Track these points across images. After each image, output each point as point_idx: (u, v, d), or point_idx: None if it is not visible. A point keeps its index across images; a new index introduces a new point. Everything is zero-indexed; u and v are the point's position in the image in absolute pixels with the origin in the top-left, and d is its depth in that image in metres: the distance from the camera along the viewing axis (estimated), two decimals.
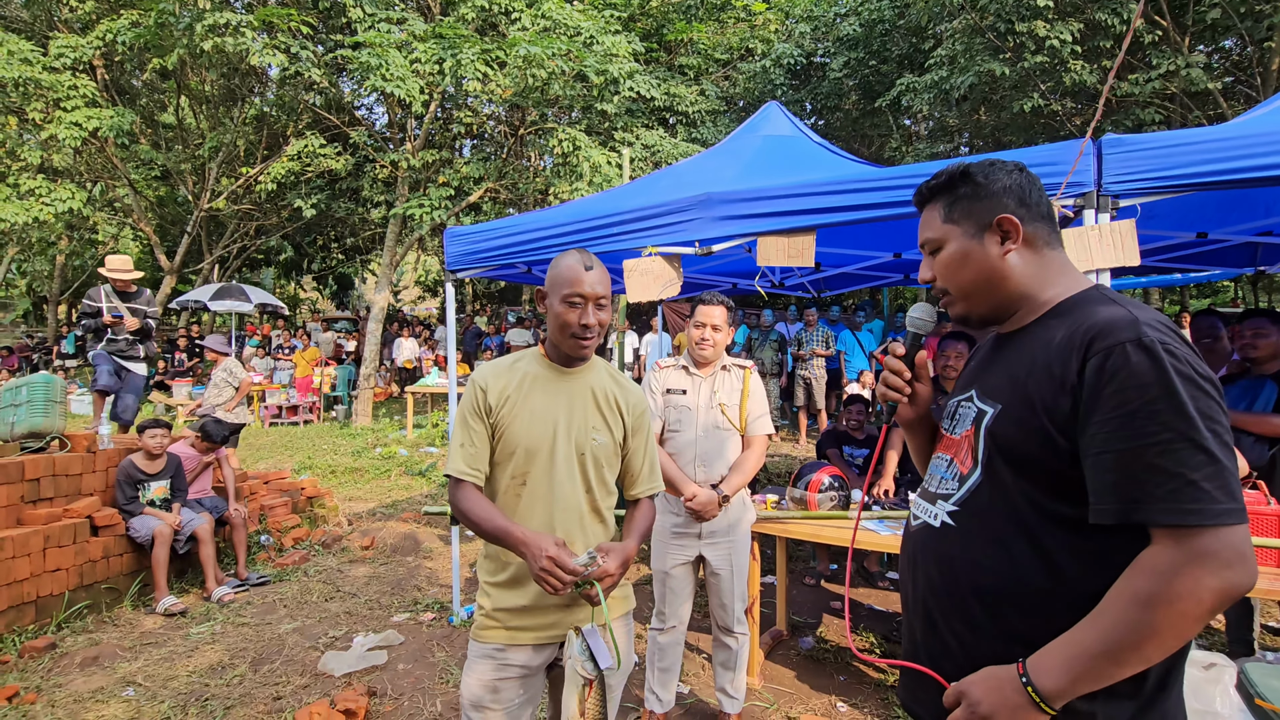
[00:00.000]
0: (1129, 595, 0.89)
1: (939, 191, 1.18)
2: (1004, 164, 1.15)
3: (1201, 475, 0.86)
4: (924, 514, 1.19)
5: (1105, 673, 0.90)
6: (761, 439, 2.75)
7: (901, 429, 1.39)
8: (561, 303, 1.63)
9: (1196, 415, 0.88)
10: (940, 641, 1.10)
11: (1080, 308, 1.05)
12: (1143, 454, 0.89)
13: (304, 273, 21.67)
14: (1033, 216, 1.13)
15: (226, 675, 3.27)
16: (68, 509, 4.07)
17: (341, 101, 12.57)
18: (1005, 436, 1.04)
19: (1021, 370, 1.06)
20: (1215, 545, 0.85)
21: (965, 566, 1.07)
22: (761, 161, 4.05)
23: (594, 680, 1.47)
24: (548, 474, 1.66)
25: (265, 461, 8.54)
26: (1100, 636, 0.90)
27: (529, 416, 1.67)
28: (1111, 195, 2.52)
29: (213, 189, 13.68)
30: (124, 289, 5.64)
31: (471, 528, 1.63)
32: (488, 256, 3.86)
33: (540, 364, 1.74)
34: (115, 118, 10.75)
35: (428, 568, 4.88)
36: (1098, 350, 0.94)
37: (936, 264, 1.19)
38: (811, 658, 3.52)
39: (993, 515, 1.05)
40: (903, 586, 1.24)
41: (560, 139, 10.24)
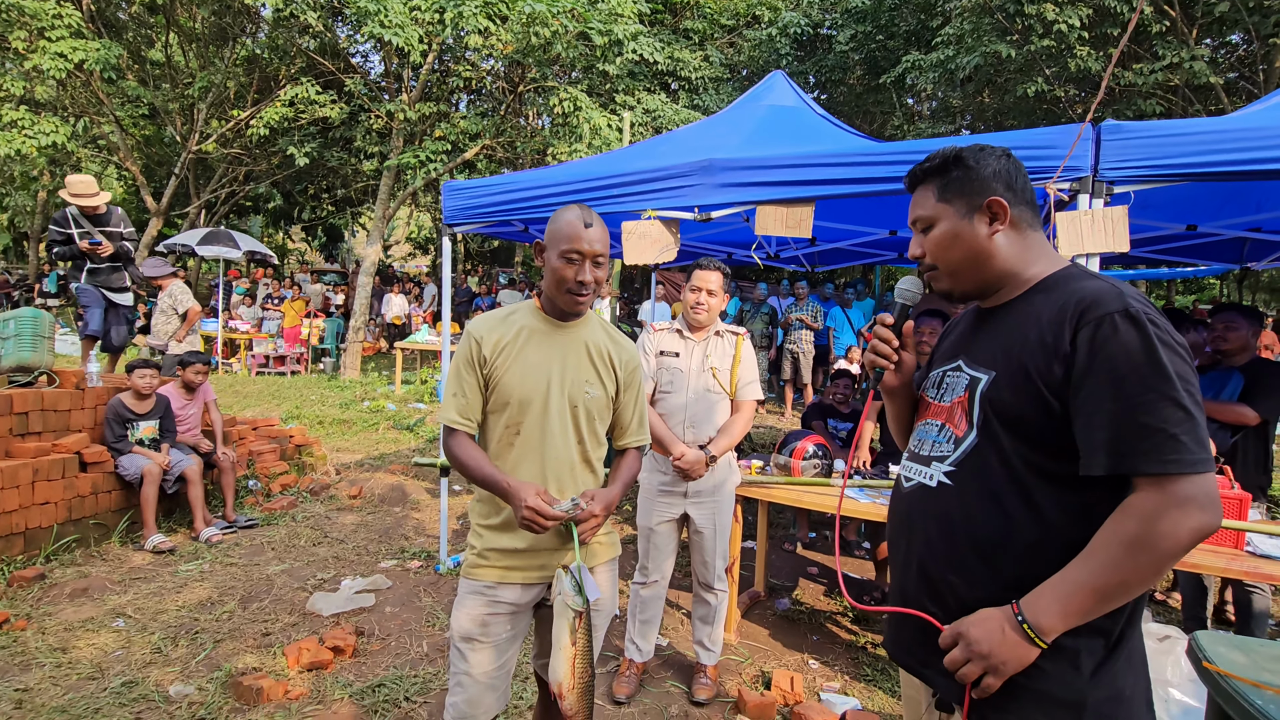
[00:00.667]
0: (1117, 536, 1.00)
1: (932, 173, 1.26)
2: (993, 149, 1.23)
3: (1180, 429, 0.98)
4: (918, 475, 1.26)
5: (1094, 607, 1.02)
6: (750, 404, 2.81)
7: (884, 396, 1.46)
8: (559, 257, 1.66)
9: (1175, 377, 0.99)
10: (935, 592, 1.18)
11: (1066, 283, 1.14)
12: (1132, 412, 0.99)
13: (293, 222, 21.31)
14: (1018, 200, 1.21)
15: (216, 611, 3.34)
16: (56, 444, 4.08)
17: (337, 47, 12.25)
18: (1001, 401, 1.13)
19: (1014, 341, 1.15)
20: (1192, 490, 0.97)
21: (963, 521, 1.15)
22: (764, 131, 4.04)
23: (584, 613, 1.54)
24: (541, 425, 1.71)
25: (253, 409, 8.53)
26: (1091, 575, 1.01)
27: (523, 368, 1.71)
28: (1107, 181, 2.56)
29: (201, 130, 13.35)
30: (92, 212, 5.11)
31: (463, 474, 1.70)
32: (486, 212, 3.85)
33: (535, 317, 1.77)
34: (101, 50, 10.42)
35: (415, 518, 4.96)
36: (1089, 320, 1.04)
37: (927, 241, 1.26)
38: (786, 618, 3.65)
39: (989, 473, 1.14)
40: (894, 545, 1.31)
41: (561, 98, 10.08)
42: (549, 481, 1.70)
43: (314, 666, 2.83)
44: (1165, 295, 18.02)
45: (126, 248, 5.27)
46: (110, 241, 5.12)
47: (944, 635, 1.12)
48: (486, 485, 1.66)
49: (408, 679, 2.78)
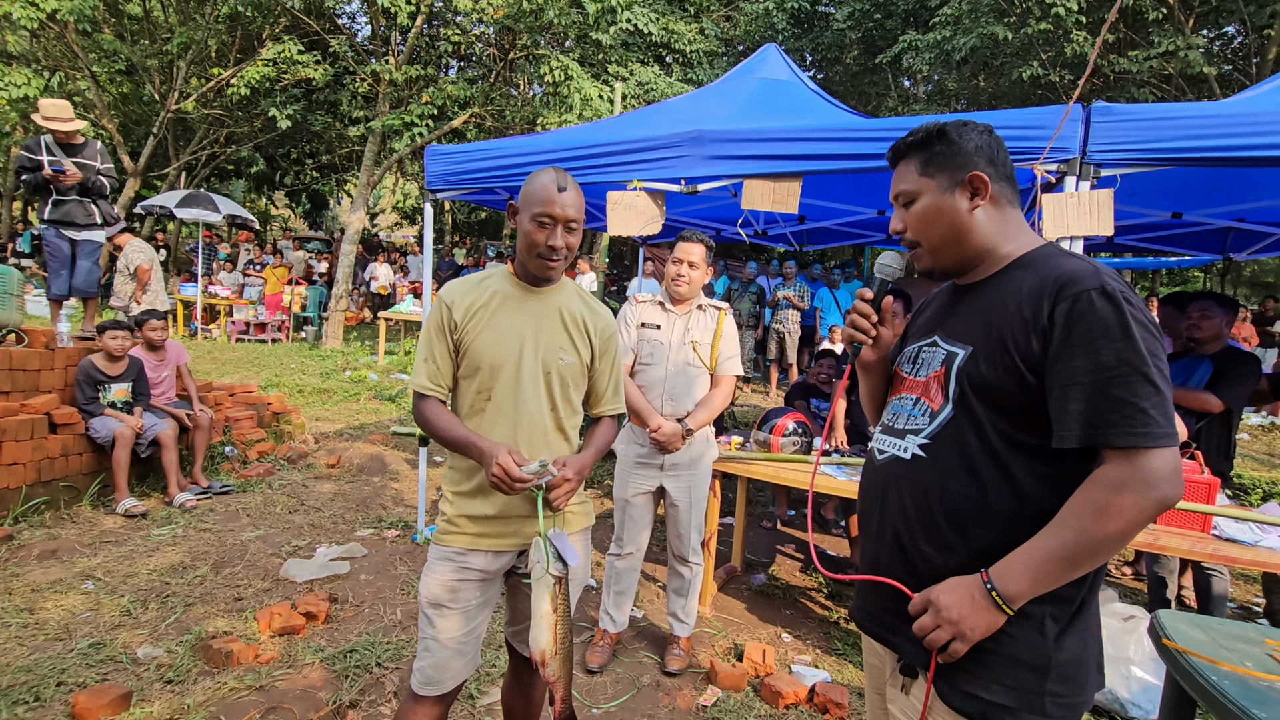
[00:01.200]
0: (1085, 506, 1.03)
1: (915, 147, 1.26)
2: (975, 124, 1.24)
3: (1150, 404, 1.01)
4: (892, 448, 1.28)
5: (1060, 575, 1.05)
6: (730, 379, 2.80)
7: (859, 371, 1.47)
8: (531, 221, 1.62)
9: (1147, 354, 1.02)
10: (908, 562, 1.20)
11: (1046, 260, 1.16)
12: (1105, 386, 1.02)
13: (276, 187, 20.87)
14: (999, 176, 1.22)
15: (187, 575, 3.31)
16: (25, 404, 3.99)
17: (322, 7, 11.88)
18: (978, 374, 1.15)
19: (993, 316, 1.16)
20: (1157, 463, 1.00)
21: (937, 492, 1.17)
22: (756, 104, 3.99)
23: (563, 578, 1.54)
24: (513, 391, 1.68)
25: (231, 376, 8.42)
26: (1059, 543, 1.04)
27: (495, 333, 1.68)
28: (1095, 164, 2.55)
29: (181, 89, 12.96)
30: (66, 140, 4.77)
31: (435, 438, 1.68)
32: (469, 178, 3.77)
33: (509, 282, 1.73)
34: (77, 1, 10.04)
35: (393, 488, 4.94)
36: (1067, 296, 1.06)
37: (909, 216, 1.27)
38: (761, 593, 3.68)
39: (964, 445, 1.16)
40: (866, 516, 1.33)
41: (552, 67, 9.88)
42: (522, 449, 1.67)
43: (285, 631, 2.82)
44: (1150, 286, 18.21)
45: (100, 182, 4.89)
46: (82, 172, 4.77)
47: (914, 602, 1.15)
48: (458, 447, 1.64)
49: (379, 645, 2.77)
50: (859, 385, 1.51)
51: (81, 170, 4.76)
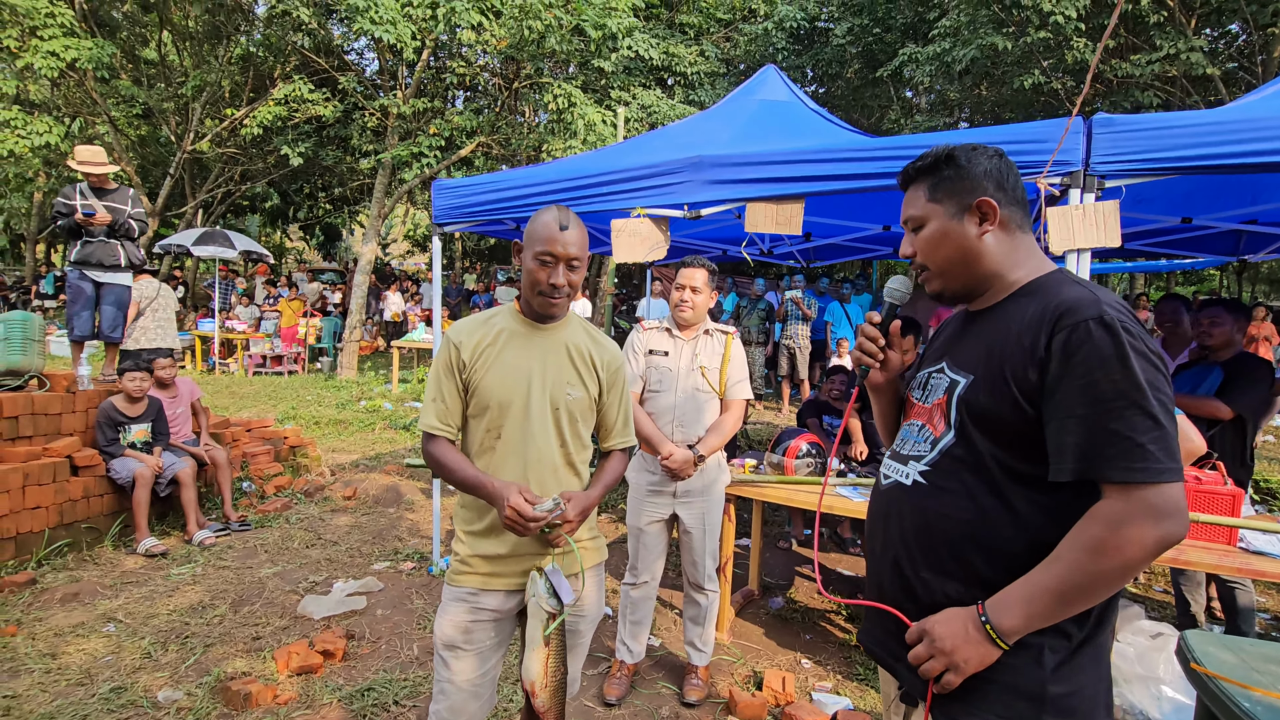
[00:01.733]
0: (1082, 542, 1.01)
1: (924, 172, 1.26)
2: (985, 149, 1.23)
3: (1148, 438, 0.98)
4: (895, 474, 1.29)
5: (1056, 612, 1.03)
6: (740, 403, 2.79)
7: (870, 393, 1.48)
8: (534, 259, 1.64)
9: (1146, 385, 1.00)
10: (907, 587, 1.20)
11: (1048, 288, 1.15)
12: (1102, 419, 1.00)
13: (290, 221, 21.27)
14: (1009, 201, 1.21)
15: (207, 615, 3.33)
16: (47, 448, 4.06)
17: (331, 45, 12.19)
18: (977, 403, 1.14)
19: (995, 344, 1.16)
20: (1157, 499, 0.98)
21: (937, 519, 1.17)
22: (756, 126, 4.01)
23: (557, 614, 1.54)
24: (522, 427, 1.69)
25: (249, 410, 8.52)
26: (1055, 579, 1.02)
27: (502, 371, 1.69)
28: (1098, 175, 2.53)
29: (196, 130, 13.31)
30: (99, 184, 4.95)
31: (445, 479, 1.69)
32: (476, 211, 3.82)
33: (515, 319, 1.75)
34: (95, 49, 10.38)
35: (409, 519, 4.95)
36: (1064, 326, 1.05)
37: (918, 240, 1.27)
38: (780, 617, 3.64)
39: (964, 473, 1.15)
40: (871, 540, 1.33)
41: (555, 94, 10.03)
42: (532, 486, 1.68)
43: (303, 670, 2.82)
44: (1165, 286, 17.98)
45: (129, 225, 5.02)
46: (111, 215, 4.90)
47: (910, 631, 1.14)
48: (469, 488, 1.65)
49: (397, 683, 2.76)
50: (871, 406, 1.52)
51: (111, 213, 4.90)
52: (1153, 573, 4.29)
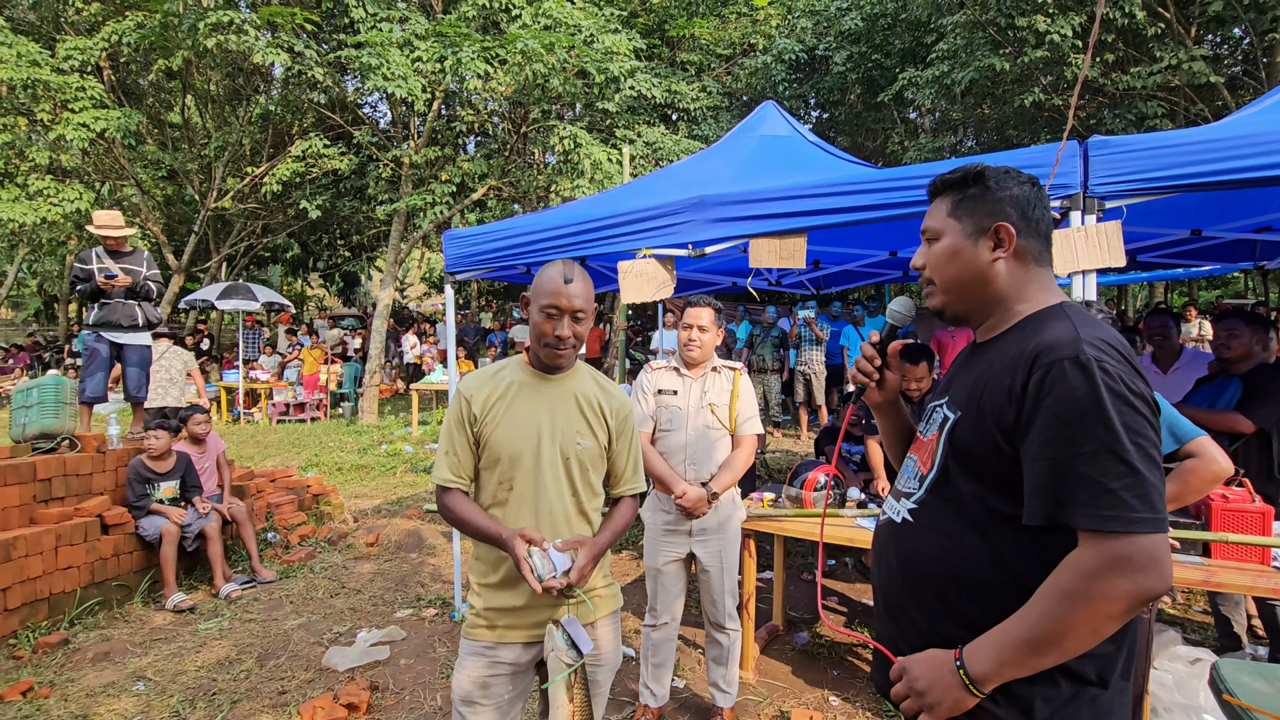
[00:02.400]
0: (1052, 591, 0.98)
1: (950, 186, 1.24)
2: (1018, 174, 1.20)
3: (1120, 484, 0.94)
4: (890, 510, 1.30)
5: (1027, 662, 0.99)
6: (751, 439, 2.80)
7: (873, 412, 1.49)
8: (540, 312, 1.68)
9: (1121, 429, 0.95)
10: (898, 625, 1.20)
11: (1036, 323, 1.12)
12: (1072, 463, 0.97)
13: (310, 270, 21.81)
14: (1030, 230, 1.18)
15: (233, 670, 3.35)
16: (78, 508, 4.16)
17: (345, 100, 12.64)
18: (961, 441, 1.14)
19: (981, 381, 1.14)
20: (1130, 550, 0.93)
21: (921, 558, 1.17)
22: (757, 162, 4.08)
23: (579, 667, 1.54)
24: (533, 478, 1.72)
25: (273, 459, 8.64)
26: (1025, 628, 0.99)
27: (512, 422, 1.72)
28: (1098, 197, 2.55)
29: (219, 188, 13.79)
30: (116, 247, 5.05)
31: (459, 530, 1.73)
32: (486, 259, 3.91)
33: (524, 371, 1.79)
34: (122, 118, 10.86)
35: (431, 564, 4.96)
36: (1040, 365, 1.02)
37: (930, 254, 1.25)
38: (806, 653, 3.57)
39: (946, 512, 1.15)
40: (872, 577, 1.34)
41: (562, 136, 10.28)
42: (545, 534, 1.69)
43: None
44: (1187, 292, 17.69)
45: (148, 286, 5.12)
46: (130, 277, 5.00)
47: (893, 669, 1.14)
48: (482, 537, 1.69)
49: None
50: (878, 424, 1.51)
51: (129, 275, 5.01)
52: (1190, 592, 4.16)
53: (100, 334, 5.00)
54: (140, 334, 5.16)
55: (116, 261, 5.03)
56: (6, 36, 10.21)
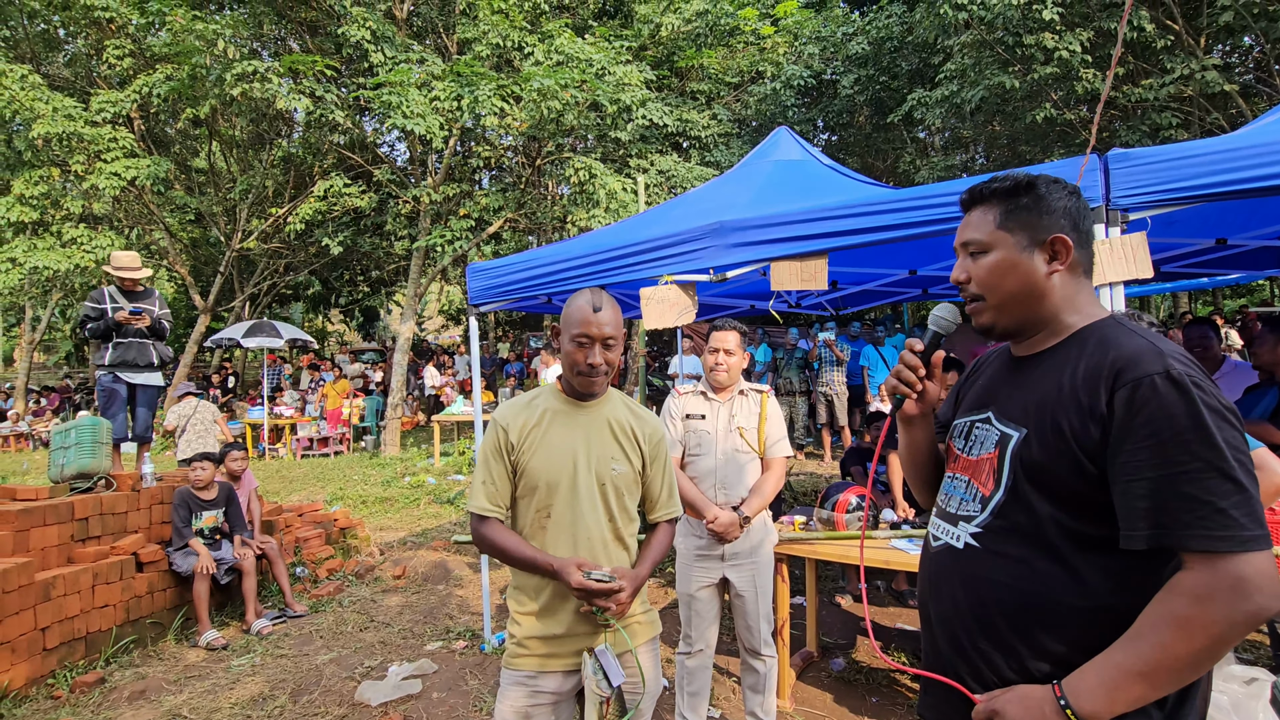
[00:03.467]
0: (1165, 618, 0.93)
1: (998, 195, 1.17)
2: (1064, 184, 1.16)
3: (1230, 503, 0.91)
4: (945, 535, 1.21)
5: (1142, 695, 0.94)
6: (781, 461, 2.79)
7: (900, 425, 1.40)
8: (571, 341, 1.71)
9: (1224, 446, 0.92)
10: (967, 660, 1.13)
11: (1104, 338, 1.08)
12: (1174, 482, 0.93)
13: (331, 306, 22.20)
14: (1082, 242, 1.15)
15: (268, 706, 3.35)
16: (114, 546, 4.22)
17: (364, 141, 12.99)
18: (1034, 461, 1.07)
19: (1049, 396, 1.08)
20: (1246, 570, 0.89)
21: (991, 587, 1.10)
22: (773, 187, 4.13)
23: (610, 698, 1.53)
24: (571, 505, 1.73)
25: (299, 493, 8.72)
26: (1137, 659, 0.93)
27: (548, 450, 1.74)
28: (1121, 209, 2.54)
29: (244, 229, 14.16)
30: (131, 288, 5.12)
31: (500, 559, 1.73)
32: (509, 290, 3.97)
33: (558, 399, 1.81)
34: (152, 166, 11.24)
35: (459, 595, 4.95)
36: (1126, 381, 0.98)
37: (977, 268, 1.18)
38: (843, 679, 3.50)
39: (1019, 536, 1.08)
40: (924, 607, 1.26)
41: (576, 168, 10.46)
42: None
43: None
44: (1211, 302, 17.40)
45: (163, 326, 5.19)
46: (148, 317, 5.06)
47: (978, 709, 1.06)
48: (527, 566, 1.69)
49: None
50: (899, 439, 1.43)
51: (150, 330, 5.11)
52: None
53: (117, 375, 5.04)
54: (154, 374, 5.21)
55: (131, 301, 5.09)
56: (43, 93, 10.66)
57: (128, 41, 11.81)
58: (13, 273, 10.77)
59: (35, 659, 3.58)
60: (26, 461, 12.61)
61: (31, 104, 10.39)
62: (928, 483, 1.42)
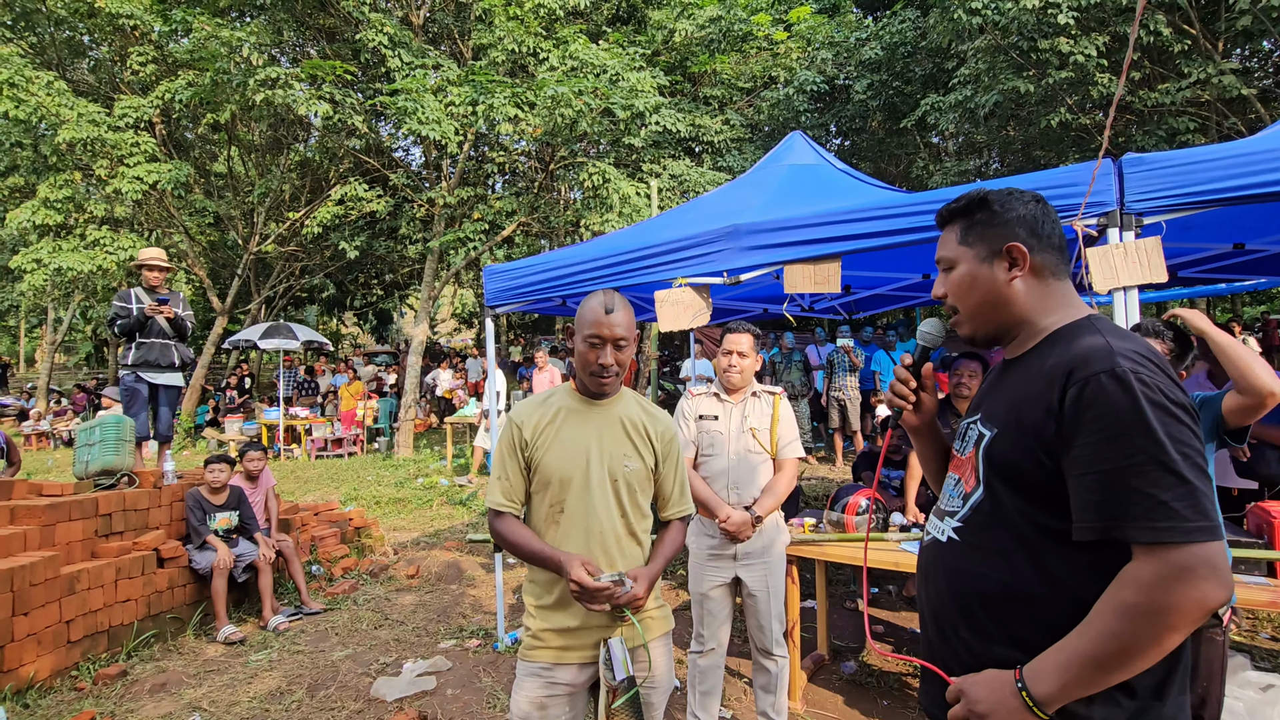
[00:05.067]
0: (1114, 607, 0.97)
1: (958, 215, 1.27)
2: (1021, 194, 1.23)
3: (1171, 495, 0.94)
4: (934, 530, 1.29)
5: (1093, 680, 0.98)
6: (793, 462, 2.81)
7: (910, 435, 1.49)
8: (584, 342, 1.76)
9: (1166, 440, 0.95)
10: (950, 647, 1.19)
11: (1067, 337, 1.13)
12: (1120, 475, 0.97)
13: (346, 309, 22.42)
14: (1043, 247, 1.20)
15: (285, 701, 3.41)
16: (136, 542, 4.31)
17: (381, 146, 13.15)
18: (1000, 458, 1.13)
19: (1017, 395, 1.15)
20: (1189, 560, 0.92)
21: (969, 577, 1.16)
22: (786, 191, 4.16)
23: (617, 688, 1.56)
24: (583, 500, 1.76)
25: (314, 493, 8.81)
26: (1088, 646, 0.98)
27: (561, 447, 1.78)
28: (1135, 213, 2.55)
29: (261, 233, 14.36)
30: (155, 284, 5.25)
31: (513, 553, 1.78)
32: (525, 292, 4.02)
33: (571, 397, 1.85)
34: (172, 170, 11.43)
35: (471, 595, 4.99)
36: (1076, 380, 1.03)
37: (948, 283, 1.27)
38: (855, 682, 3.50)
39: (993, 529, 1.14)
40: (918, 598, 1.33)
41: (590, 173, 10.53)
42: (595, 555, 1.74)
43: None
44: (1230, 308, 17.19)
45: (184, 323, 5.29)
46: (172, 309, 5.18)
47: (949, 690, 1.12)
48: (536, 561, 1.73)
49: None
50: (915, 448, 1.51)
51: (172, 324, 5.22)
52: (1257, 618, 3.99)
53: (139, 374, 5.17)
54: (175, 375, 5.33)
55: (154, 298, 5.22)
56: (68, 99, 10.88)
57: (150, 48, 12.04)
58: (38, 273, 10.99)
59: (60, 651, 3.66)
60: (51, 459, 12.83)
61: (57, 109, 10.60)
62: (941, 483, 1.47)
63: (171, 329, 5.26)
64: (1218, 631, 2.11)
